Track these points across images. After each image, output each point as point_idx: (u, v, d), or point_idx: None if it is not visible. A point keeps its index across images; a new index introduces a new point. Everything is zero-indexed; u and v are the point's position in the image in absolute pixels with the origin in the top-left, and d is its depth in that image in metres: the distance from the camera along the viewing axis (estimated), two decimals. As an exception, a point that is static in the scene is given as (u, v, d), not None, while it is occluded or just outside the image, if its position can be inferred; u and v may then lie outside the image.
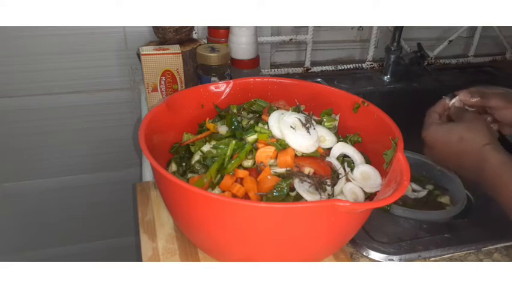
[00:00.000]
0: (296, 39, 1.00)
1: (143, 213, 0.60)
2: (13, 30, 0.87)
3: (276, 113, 0.56)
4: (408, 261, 0.55)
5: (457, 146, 0.55)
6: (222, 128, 0.59)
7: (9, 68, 0.91)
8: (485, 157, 0.52)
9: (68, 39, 0.91)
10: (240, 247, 0.47)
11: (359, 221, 0.49)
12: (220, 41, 0.88)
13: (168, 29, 0.83)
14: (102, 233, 1.22)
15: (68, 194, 1.11)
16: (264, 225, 0.43)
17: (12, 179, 1.06)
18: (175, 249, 0.54)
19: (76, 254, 1.22)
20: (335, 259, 0.54)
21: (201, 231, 0.49)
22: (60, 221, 1.16)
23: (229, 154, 0.53)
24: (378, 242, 0.57)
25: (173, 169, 0.58)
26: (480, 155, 0.52)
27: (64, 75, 0.95)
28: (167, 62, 0.76)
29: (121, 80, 0.99)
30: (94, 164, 1.09)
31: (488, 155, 0.52)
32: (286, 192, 0.49)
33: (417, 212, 0.64)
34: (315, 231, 0.45)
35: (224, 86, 0.65)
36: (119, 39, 0.93)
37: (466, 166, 0.55)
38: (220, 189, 0.51)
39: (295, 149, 0.53)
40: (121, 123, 1.04)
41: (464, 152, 0.54)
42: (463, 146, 0.55)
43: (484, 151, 0.52)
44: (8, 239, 1.15)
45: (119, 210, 1.17)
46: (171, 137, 0.60)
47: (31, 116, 0.98)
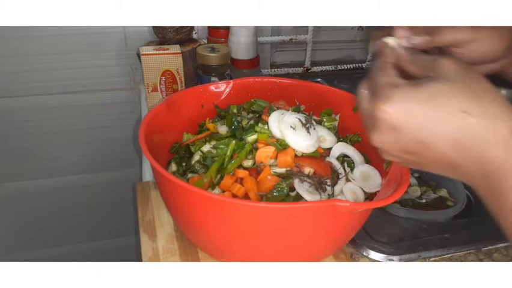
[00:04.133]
0: (296, 39, 1.00)
1: (143, 213, 0.60)
2: (13, 30, 0.87)
3: (276, 113, 0.56)
4: (408, 261, 0.55)
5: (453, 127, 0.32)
6: (222, 128, 0.59)
7: (9, 68, 0.91)
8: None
9: (68, 39, 0.91)
10: (240, 247, 0.47)
11: (359, 221, 0.49)
12: (220, 41, 0.89)
13: (168, 29, 0.83)
14: (102, 233, 1.22)
15: (68, 193, 1.11)
16: (264, 225, 0.43)
17: (12, 179, 1.06)
18: (175, 249, 0.54)
19: (76, 254, 1.22)
20: (335, 259, 0.54)
21: (201, 231, 0.49)
22: (60, 221, 1.16)
23: (229, 154, 0.53)
24: (378, 242, 0.57)
25: (173, 169, 0.58)
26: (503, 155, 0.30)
27: (64, 75, 0.95)
28: (167, 62, 0.76)
29: (121, 80, 0.99)
30: (94, 164, 1.09)
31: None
32: (286, 192, 0.49)
33: (417, 212, 0.64)
34: (315, 231, 0.45)
35: (224, 86, 0.65)
36: (119, 39, 0.93)
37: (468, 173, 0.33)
38: (220, 189, 0.51)
39: (295, 149, 0.53)
40: (121, 123, 1.04)
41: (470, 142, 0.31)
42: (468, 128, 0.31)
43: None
44: (8, 239, 1.15)
45: (119, 210, 1.17)
46: (171, 137, 0.60)
47: (31, 116, 0.98)
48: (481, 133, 0.31)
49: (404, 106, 0.33)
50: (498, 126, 0.31)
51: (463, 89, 0.32)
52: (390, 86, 0.34)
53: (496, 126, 0.31)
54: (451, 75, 0.33)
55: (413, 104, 0.33)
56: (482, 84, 0.33)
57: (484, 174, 0.32)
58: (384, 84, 0.35)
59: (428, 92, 0.33)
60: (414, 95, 0.33)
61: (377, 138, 0.35)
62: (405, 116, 0.33)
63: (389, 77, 0.36)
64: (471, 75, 0.33)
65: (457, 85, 0.32)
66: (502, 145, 0.31)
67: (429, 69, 0.35)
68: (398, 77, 0.36)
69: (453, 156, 0.33)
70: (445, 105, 0.32)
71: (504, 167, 0.31)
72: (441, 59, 0.34)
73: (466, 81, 0.33)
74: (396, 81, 0.35)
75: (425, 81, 0.33)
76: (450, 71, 0.33)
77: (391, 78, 0.36)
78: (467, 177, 0.33)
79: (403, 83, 0.35)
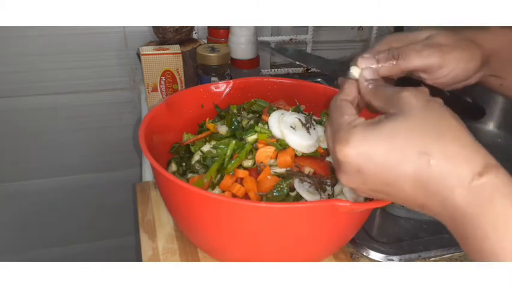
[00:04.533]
0: (296, 39, 1.00)
1: (143, 213, 0.60)
2: (13, 30, 0.87)
3: (276, 113, 0.56)
4: (408, 261, 0.55)
5: (413, 169, 0.30)
6: (222, 128, 0.59)
7: (9, 68, 0.91)
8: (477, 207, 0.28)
9: (68, 39, 0.91)
10: (240, 247, 0.47)
11: (359, 221, 0.49)
12: (220, 41, 0.88)
13: (168, 29, 0.83)
14: (102, 233, 1.22)
15: (68, 194, 1.11)
16: (264, 225, 0.43)
17: (12, 179, 1.06)
18: (175, 249, 0.54)
19: (76, 254, 1.22)
20: (335, 259, 0.54)
21: (201, 231, 0.49)
22: (60, 221, 1.16)
23: (229, 154, 0.53)
24: (378, 242, 0.57)
25: (173, 169, 0.58)
26: (464, 199, 0.29)
27: (64, 75, 0.95)
28: (167, 62, 0.76)
29: (121, 80, 0.99)
30: (94, 164, 1.09)
31: (485, 204, 0.28)
32: (286, 192, 0.49)
33: (417, 212, 0.63)
34: (315, 231, 0.45)
35: (224, 86, 0.65)
36: (119, 39, 0.93)
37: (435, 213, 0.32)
38: (220, 189, 0.51)
39: (295, 149, 0.53)
40: (121, 123, 1.04)
41: (431, 185, 0.30)
42: (428, 171, 0.29)
43: (475, 192, 0.28)
44: (8, 239, 1.15)
45: (119, 210, 1.17)
46: (171, 137, 0.60)
47: (31, 116, 0.98)
48: (441, 176, 0.29)
49: (363, 148, 0.31)
50: (459, 168, 0.29)
51: (423, 127, 0.30)
52: (348, 127, 0.33)
53: (457, 168, 0.29)
54: (412, 111, 0.31)
55: (373, 146, 0.31)
56: (444, 121, 0.31)
57: (450, 217, 0.31)
58: (342, 126, 0.34)
59: (387, 131, 0.31)
60: (373, 135, 0.31)
61: (343, 180, 0.34)
62: (366, 158, 0.31)
63: (347, 116, 0.35)
64: (433, 110, 0.31)
65: (417, 123, 0.31)
66: (463, 189, 0.29)
67: (391, 104, 0.33)
68: (356, 116, 0.35)
69: (419, 198, 0.32)
70: (405, 146, 0.30)
71: (468, 211, 0.29)
72: (403, 93, 0.32)
73: (427, 118, 0.31)
74: (355, 121, 0.34)
75: (384, 120, 0.32)
76: (411, 107, 0.31)
77: (349, 117, 0.34)
78: (437, 216, 0.32)
79: (361, 123, 0.33)
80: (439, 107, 0.32)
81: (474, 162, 0.29)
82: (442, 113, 0.31)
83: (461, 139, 0.30)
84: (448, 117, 0.31)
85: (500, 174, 0.29)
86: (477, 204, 0.28)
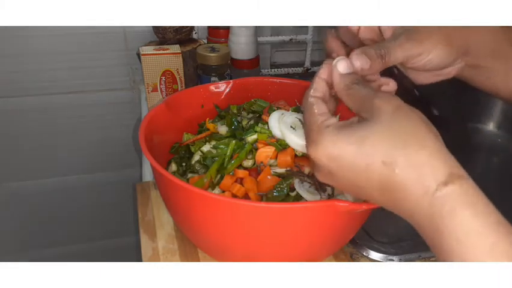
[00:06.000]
0: (296, 39, 1.00)
1: (143, 213, 0.60)
2: (12, 30, 0.87)
3: (276, 113, 0.56)
4: (408, 261, 0.55)
5: (379, 177, 0.30)
6: (222, 128, 0.59)
7: (9, 67, 0.91)
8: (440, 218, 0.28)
9: (68, 39, 0.91)
10: (240, 247, 0.47)
11: (359, 221, 0.49)
12: (220, 41, 0.88)
13: (168, 29, 0.83)
14: (102, 233, 1.22)
15: (68, 194, 1.11)
16: (264, 225, 0.43)
17: (13, 179, 1.06)
18: (175, 249, 0.54)
19: (76, 254, 1.22)
20: (335, 259, 0.54)
21: (201, 231, 0.49)
22: (60, 221, 1.16)
23: (229, 154, 0.53)
24: (378, 242, 0.57)
25: (173, 169, 0.58)
26: (429, 209, 0.29)
27: (63, 75, 0.95)
28: (167, 62, 0.76)
29: (121, 80, 0.98)
30: (93, 164, 1.09)
31: (447, 215, 0.28)
32: (286, 192, 0.49)
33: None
34: (315, 231, 0.45)
35: (224, 86, 0.65)
36: (119, 39, 0.93)
37: (402, 213, 0.32)
38: (220, 189, 0.51)
39: (295, 149, 0.52)
40: (121, 123, 1.04)
41: (397, 193, 0.30)
42: (393, 179, 0.30)
43: (438, 202, 0.28)
44: (8, 239, 1.15)
45: (119, 210, 1.17)
46: (171, 137, 0.60)
47: (31, 116, 0.98)
48: (406, 185, 0.29)
49: (333, 151, 0.32)
50: (423, 177, 0.29)
51: (391, 135, 0.30)
52: (319, 128, 0.33)
53: (421, 178, 0.29)
54: (382, 118, 0.31)
55: (342, 149, 0.31)
56: (413, 129, 0.30)
57: (417, 225, 0.31)
58: (313, 126, 0.34)
59: (356, 136, 0.31)
60: (343, 139, 0.31)
61: (319, 178, 0.35)
62: (336, 161, 0.32)
63: (318, 116, 0.34)
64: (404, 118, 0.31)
65: (385, 131, 0.30)
66: (427, 199, 0.29)
67: (363, 108, 0.33)
68: (327, 115, 0.34)
69: (388, 203, 0.32)
70: (372, 154, 0.30)
71: (433, 222, 0.29)
72: (376, 98, 0.32)
73: (396, 125, 0.30)
74: (326, 122, 0.34)
75: (355, 125, 0.32)
76: (381, 113, 0.31)
77: (321, 117, 0.34)
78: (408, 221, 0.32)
79: (332, 124, 0.33)
80: (410, 114, 0.31)
81: (439, 171, 0.29)
82: (412, 121, 0.31)
83: (428, 148, 0.30)
84: (417, 124, 0.31)
85: (465, 184, 0.28)
86: (440, 216, 0.28)
